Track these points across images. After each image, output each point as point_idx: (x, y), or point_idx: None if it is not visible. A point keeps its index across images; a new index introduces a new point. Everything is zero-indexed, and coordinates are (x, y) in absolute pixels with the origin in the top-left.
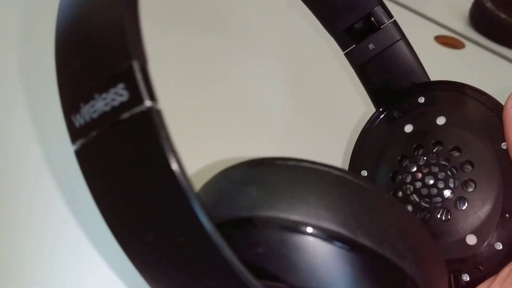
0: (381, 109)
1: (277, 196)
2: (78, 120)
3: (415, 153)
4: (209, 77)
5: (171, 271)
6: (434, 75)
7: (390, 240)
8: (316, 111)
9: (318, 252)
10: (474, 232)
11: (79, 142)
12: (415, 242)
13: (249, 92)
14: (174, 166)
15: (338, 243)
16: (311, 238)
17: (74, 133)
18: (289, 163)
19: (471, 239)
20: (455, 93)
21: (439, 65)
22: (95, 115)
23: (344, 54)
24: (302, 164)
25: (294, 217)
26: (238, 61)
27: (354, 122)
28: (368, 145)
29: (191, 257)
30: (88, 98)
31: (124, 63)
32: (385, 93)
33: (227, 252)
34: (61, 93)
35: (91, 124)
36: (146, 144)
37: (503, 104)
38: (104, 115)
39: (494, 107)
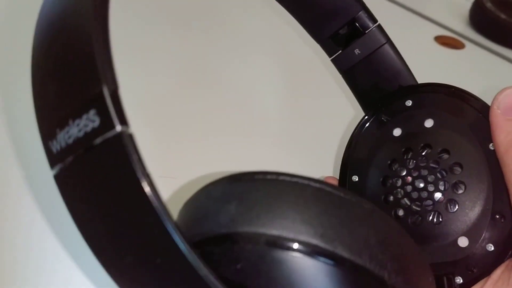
0: (369, 114)
1: (256, 211)
2: (55, 146)
3: (405, 157)
4: (202, 81)
5: None
6: (434, 75)
7: (370, 251)
8: (307, 115)
9: (297, 266)
10: (465, 234)
11: (57, 167)
12: (396, 251)
13: (240, 97)
14: (147, 189)
15: (317, 256)
16: (290, 252)
17: (52, 158)
18: (268, 177)
19: (463, 241)
20: (442, 95)
21: (439, 65)
22: (70, 141)
23: (331, 60)
24: (281, 178)
25: (272, 231)
26: (229, 66)
27: (345, 126)
28: (358, 150)
29: (169, 277)
30: (63, 124)
31: (94, 89)
32: (373, 97)
33: (204, 271)
34: (38, 119)
35: (67, 150)
36: (119, 168)
37: (490, 105)
38: (78, 141)
39: (482, 109)
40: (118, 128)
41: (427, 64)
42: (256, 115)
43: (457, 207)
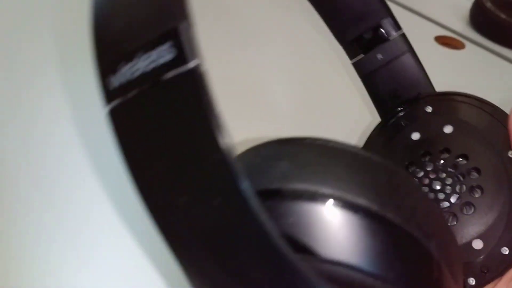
0: (387, 118)
1: (308, 170)
2: (115, 81)
3: (422, 160)
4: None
5: (204, 238)
6: (434, 75)
7: (417, 220)
8: (322, 119)
9: (347, 225)
10: (480, 236)
11: (115, 102)
12: (439, 226)
13: (253, 96)
14: (216, 129)
15: (368, 218)
16: (341, 212)
17: (110, 93)
18: (318, 142)
19: (477, 244)
20: (462, 103)
21: (439, 66)
22: (134, 75)
23: (352, 63)
24: (330, 144)
25: (325, 190)
26: (243, 66)
27: (360, 131)
28: (374, 151)
29: (225, 220)
30: (129, 58)
31: (170, 24)
32: (391, 103)
33: (263, 217)
34: (98, 53)
35: (130, 84)
36: (189, 105)
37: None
38: (145, 75)
39: (500, 117)
40: (192, 63)
41: (427, 64)
42: (269, 118)
43: (473, 210)
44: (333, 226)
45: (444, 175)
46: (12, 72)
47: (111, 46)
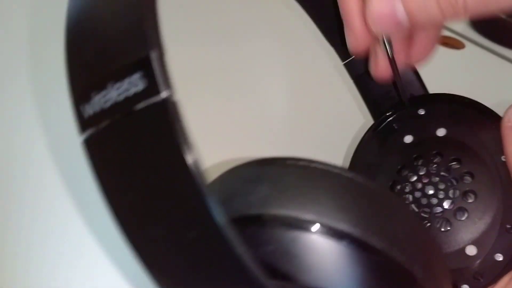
0: (380, 120)
1: (289, 195)
2: (88, 110)
3: (415, 163)
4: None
5: (179, 269)
6: (434, 75)
7: (400, 243)
8: (314, 122)
9: (329, 252)
10: (474, 243)
11: (88, 132)
12: (423, 247)
13: (246, 99)
14: (189, 159)
15: (350, 244)
16: (323, 238)
17: (83, 123)
18: (300, 163)
19: (471, 250)
20: (456, 105)
21: (439, 66)
22: (106, 105)
23: (343, 64)
24: (313, 165)
25: (307, 216)
26: (238, 69)
27: (353, 133)
28: (366, 154)
29: (201, 253)
30: (100, 87)
31: (141, 52)
32: (384, 104)
33: (240, 250)
34: (71, 82)
35: (102, 114)
36: (161, 135)
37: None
38: (116, 105)
39: (495, 121)
40: (164, 93)
41: (427, 64)
42: (262, 120)
43: (466, 215)
44: (314, 253)
45: (437, 179)
46: None
47: (84, 73)
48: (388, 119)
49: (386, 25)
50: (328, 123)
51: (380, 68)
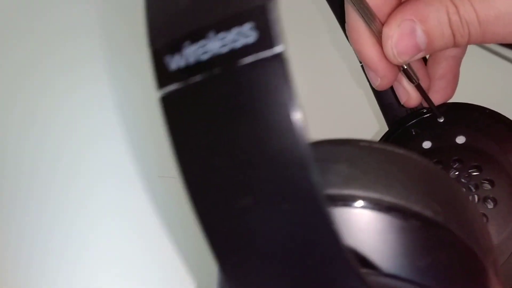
0: (398, 125)
1: (371, 176)
2: (176, 62)
3: None
4: None
5: (266, 245)
6: None
7: (476, 235)
8: (327, 127)
9: (413, 237)
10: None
11: (173, 86)
12: (491, 243)
13: None
14: (299, 123)
15: (434, 230)
16: (408, 223)
17: (166, 76)
18: (375, 145)
19: None
20: (476, 115)
21: None
22: (204, 57)
23: (362, 65)
24: (389, 148)
25: (391, 199)
26: None
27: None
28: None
29: (294, 227)
30: (198, 37)
31: (256, 1)
32: (400, 111)
33: (335, 225)
34: (154, 29)
35: (196, 67)
36: (269, 95)
37: None
38: (217, 58)
39: None
40: (279, 48)
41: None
42: None
43: (485, 221)
44: (397, 239)
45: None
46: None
47: (175, 20)
48: (406, 125)
49: (409, 53)
50: (343, 129)
51: (411, 96)
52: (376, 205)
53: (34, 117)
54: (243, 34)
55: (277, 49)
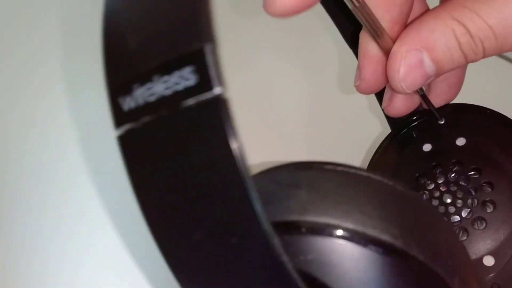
0: (399, 128)
1: (330, 201)
2: (128, 103)
3: (433, 172)
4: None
5: (217, 276)
6: None
7: (441, 256)
8: (330, 130)
9: (371, 264)
10: (491, 253)
11: (126, 127)
12: (461, 261)
13: (265, 107)
14: (240, 161)
15: (392, 255)
16: (365, 249)
17: (121, 116)
18: (339, 168)
19: (489, 260)
20: (477, 116)
21: None
22: (151, 99)
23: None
24: (352, 171)
25: (349, 225)
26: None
27: (370, 141)
28: (383, 162)
29: (241, 260)
30: (144, 80)
31: (194, 45)
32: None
33: (285, 257)
34: (109, 72)
35: (145, 109)
36: (211, 134)
37: None
38: (162, 100)
39: None
40: (218, 90)
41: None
42: (278, 127)
43: (484, 225)
44: (355, 264)
45: (455, 188)
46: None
47: (126, 64)
48: (408, 127)
49: (418, 84)
50: (346, 131)
51: (396, 106)
52: (333, 231)
53: (34, 118)
54: (184, 77)
55: (217, 91)
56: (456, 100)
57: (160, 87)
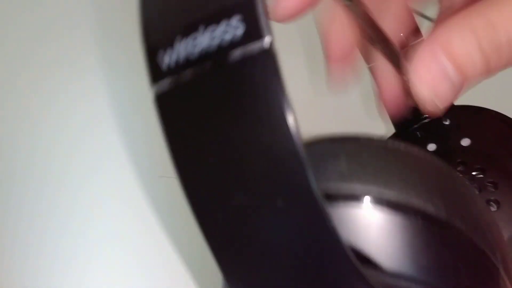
0: (403, 128)
1: (371, 171)
2: (169, 57)
3: None
4: None
5: (262, 244)
6: None
7: (483, 231)
8: (335, 130)
9: (416, 234)
10: None
11: (165, 82)
12: (500, 238)
13: None
14: (290, 118)
15: (437, 227)
16: (409, 219)
17: (159, 71)
18: (375, 141)
19: None
20: (482, 116)
21: None
22: (195, 51)
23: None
24: (389, 143)
25: (392, 194)
26: None
27: None
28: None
29: (286, 225)
30: (188, 31)
31: None
32: (408, 113)
33: (332, 223)
34: (147, 24)
35: (188, 62)
36: (259, 89)
37: None
38: (207, 52)
39: None
40: (267, 39)
41: None
42: None
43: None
44: (398, 236)
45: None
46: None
47: (166, 16)
48: (412, 127)
49: (441, 91)
50: (350, 131)
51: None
52: (375, 201)
53: (28, 113)
54: (232, 27)
55: (265, 41)
56: (461, 101)
57: (206, 38)
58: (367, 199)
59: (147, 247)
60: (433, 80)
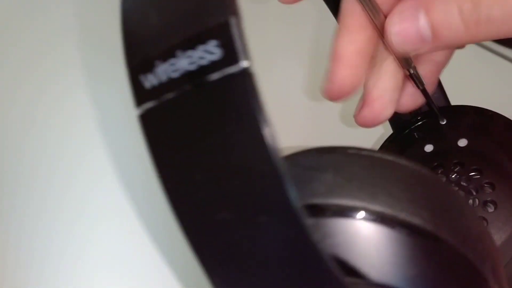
0: (401, 129)
1: (357, 184)
2: (150, 80)
3: (435, 172)
4: None
5: (244, 259)
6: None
7: (471, 241)
8: (333, 130)
9: (401, 246)
10: None
11: (148, 104)
12: (490, 247)
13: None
14: (267, 136)
15: (423, 238)
16: (395, 232)
17: (142, 94)
18: (363, 153)
19: None
20: (479, 116)
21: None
22: (175, 75)
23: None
24: (377, 155)
25: (377, 207)
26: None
27: (371, 143)
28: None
29: (269, 239)
30: (167, 56)
31: (219, 18)
32: (405, 114)
33: (314, 237)
34: (129, 49)
35: (168, 85)
36: (238, 109)
37: None
38: (187, 75)
39: None
40: (244, 63)
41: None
42: (278, 127)
43: (485, 225)
44: (384, 247)
45: (456, 188)
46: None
47: (147, 40)
48: (410, 128)
49: (410, 42)
50: (347, 132)
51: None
52: (362, 214)
53: (34, 118)
54: (209, 51)
55: (242, 64)
56: (458, 101)
57: (184, 62)
58: (353, 212)
59: (146, 246)
60: (406, 30)
